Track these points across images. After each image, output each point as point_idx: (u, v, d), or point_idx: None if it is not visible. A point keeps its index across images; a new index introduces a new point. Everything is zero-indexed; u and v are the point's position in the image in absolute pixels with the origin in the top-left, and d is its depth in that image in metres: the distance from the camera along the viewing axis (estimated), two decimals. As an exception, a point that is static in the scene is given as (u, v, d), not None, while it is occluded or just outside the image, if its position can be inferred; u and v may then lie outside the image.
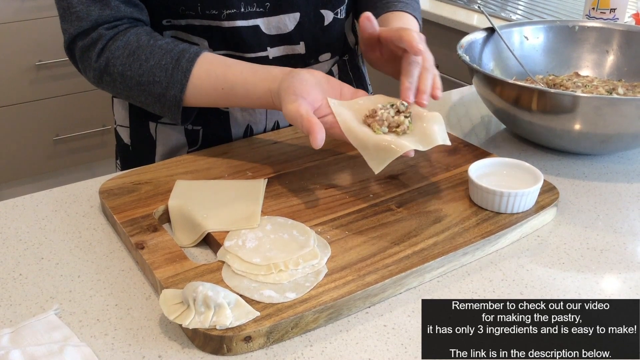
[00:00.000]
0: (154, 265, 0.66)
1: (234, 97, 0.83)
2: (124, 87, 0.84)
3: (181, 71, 0.82)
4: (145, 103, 0.86)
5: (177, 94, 0.82)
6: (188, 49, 0.83)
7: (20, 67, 2.27)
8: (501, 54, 1.06)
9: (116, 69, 0.83)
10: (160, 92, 0.83)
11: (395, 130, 0.74)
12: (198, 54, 0.83)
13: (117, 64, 0.83)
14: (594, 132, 0.86)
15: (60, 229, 0.76)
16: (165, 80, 0.82)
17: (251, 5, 0.88)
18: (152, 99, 0.84)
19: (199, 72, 0.82)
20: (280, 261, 0.65)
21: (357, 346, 0.59)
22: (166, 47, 0.83)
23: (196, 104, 0.85)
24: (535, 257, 0.72)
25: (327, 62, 1.00)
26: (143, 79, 0.83)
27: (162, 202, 0.76)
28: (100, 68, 0.84)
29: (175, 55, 0.82)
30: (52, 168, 2.47)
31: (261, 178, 0.82)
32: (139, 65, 0.82)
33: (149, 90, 0.83)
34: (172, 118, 0.86)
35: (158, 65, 0.82)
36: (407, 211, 0.75)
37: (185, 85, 0.82)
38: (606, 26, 1.09)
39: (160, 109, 0.85)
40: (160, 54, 0.82)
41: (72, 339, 0.59)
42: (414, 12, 0.97)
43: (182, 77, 0.82)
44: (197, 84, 0.82)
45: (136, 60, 0.82)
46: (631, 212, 0.80)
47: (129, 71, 0.83)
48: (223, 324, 0.57)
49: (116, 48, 0.83)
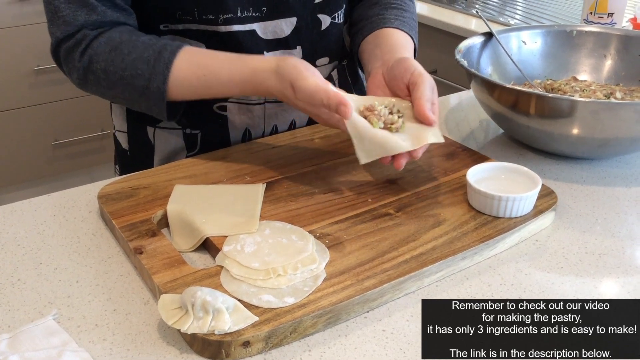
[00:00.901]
0: (152, 270, 0.66)
1: (217, 82, 0.82)
2: (107, 84, 0.84)
3: (163, 62, 0.82)
4: (130, 99, 0.85)
5: (160, 85, 0.82)
6: (170, 43, 0.84)
7: (19, 72, 2.27)
8: (499, 59, 1.06)
9: (99, 66, 0.83)
10: (144, 85, 0.83)
11: (389, 127, 0.77)
12: (180, 46, 0.83)
13: (100, 60, 0.83)
14: (591, 137, 0.87)
15: (58, 234, 0.76)
16: (147, 72, 0.82)
17: (248, 10, 0.88)
18: (136, 93, 0.84)
19: (181, 62, 0.82)
20: (279, 266, 0.65)
21: (356, 351, 0.59)
22: (148, 42, 0.83)
23: (181, 96, 0.85)
24: (533, 261, 0.72)
25: (326, 67, 1.00)
26: (126, 73, 0.82)
27: (161, 207, 0.76)
28: (84, 67, 0.84)
29: (158, 48, 0.83)
30: (51, 173, 2.46)
31: (260, 182, 0.82)
32: (121, 60, 0.82)
33: (132, 84, 0.83)
34: (157, 113, 0.85)
35: (140, 58, 0.82)
36: (406, 216, 0.75)
37: (167, 76, 0.82)
38: (604, 31, 1.09)
39: (145, 103, 0.85)
40: (142, 48, 0.82)
41: (70, 344, 0.59)
42: (410, 31, 0.96)
43: (164, 68, 0.82)
44: (180, 74, 0.82)
45: (118, 55, 0.82)
46: (629, 216, 0.81)
47: (112, 66, 0.83)
48: (221, 329, 0.57)
49: (98, 45, 0.83)
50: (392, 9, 0.98)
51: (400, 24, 0.96)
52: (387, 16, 0.97)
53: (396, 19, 0.96)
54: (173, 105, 0.87)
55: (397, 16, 0.97)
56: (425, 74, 0.81)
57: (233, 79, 0.82)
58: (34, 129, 2.36)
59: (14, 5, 2.20)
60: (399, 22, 0.96)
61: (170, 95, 0.84)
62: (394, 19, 0.96)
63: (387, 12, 0.97)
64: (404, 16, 0.97)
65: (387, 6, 0.99)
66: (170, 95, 0.84)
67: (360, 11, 1.02)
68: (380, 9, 0.98)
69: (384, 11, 0.98)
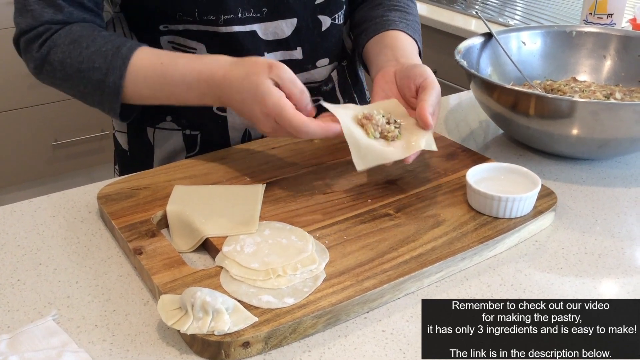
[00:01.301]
0: (152, 270, 0.66)
1: (172, 84, 0.81)
2: (63, 76, 0.84)
3: (121, 57, 0.81)
4: (84, 93, 0.85)
5: (117, 80, 0.81)
6: (130, 40, 0.84)
7: (19, 72, 2.27)
8: (499, 59, 1.06)
9: (56, 57, 0.83)
10: (100, 79, 0.82)
11: (385, 136, 0.78)
12: (140, 44, 0.83)
13: (58, 52, 0.83)
14: (591, 137, 0.87)
15: (58, 235, 0.75)
16: (104, 66, 0.81)
17: (248, 11, 0.88)
18: (91, 86, 0.83)
19: (139, 59, 0.82)
20: (279, 266, 0.65)
21: (356, 351, 0.59)
22: (108, 37, 0.83)
23: (136, 96, 0.84)
24: (533, 262, 0.72)
25: (326, 68, 1.00)
26: (83, 65, 0.82)
27: (161, 208, 0.76)
28: (42, 57, 0.84)
29: (117, 43, 0.82)
30: (51, 173, 2.46)
31: (259, 183, 0.82)
32: (79, 53, 0.82)
33: (88, 77, 0.82)
34: (110, 108, 0.84)
35: (98, 52, 0.82)
36: (406, 216, 0.75)
37: (124, 71, 0.81)
38: (603, 31, 1.09)
39: (99, 97, 0.84)
40: (102, 42, 0.82)
41: (70, 344, 0.59)
42: (415, 34, 0.96)
43: (121, 63, 0.81)
44: (136, 71, 0.82)
45: (77, 48, 0.82)
46: (629, 217, 0.81)
47: (69, 59, 0.82)
48: (221, 330, 0.57)
49: (58, 36, 0.83)
50: (395, 11, 0.98)
51: (405, 26, 0.96)
52: (392, 18, 0.97)
53: (401, 22, 0.96)
54: (127, 106, 0.86)
55: (402, 19, 0.97)
56: (436, 84, 0.81)
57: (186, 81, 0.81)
58: (33, 130, 2.37)
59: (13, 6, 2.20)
60: (403, 25, 0.96)
61: (125, 92, 0.83)
62: (398, 21, 0.96)
63: (391, 14, 0.97)
64: (407, 19, 0.97)
65: (391, 8, 0.99)
66: (125, 92, 0.83)
67: (362, 13, 1.01)
68: (384, 11, 0.98)
69: (388, 13, 0.98)
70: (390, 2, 1.00)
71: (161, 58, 0.82)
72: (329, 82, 1.03)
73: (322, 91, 1.02)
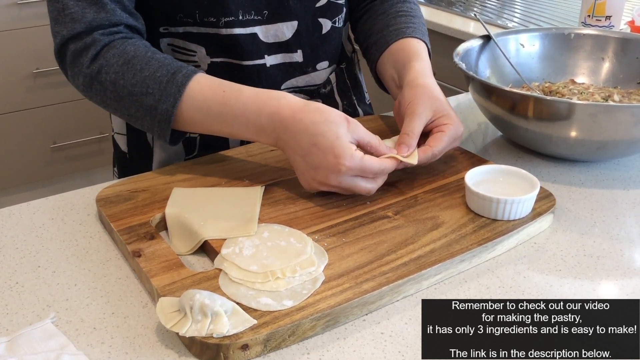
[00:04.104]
0: (150, 273, 0.66)
1: (231, 114, 0.78)
2: (114, 97, 0.81)
3: (176, 85, 0.79)
4: (135, 116, 0.82)
5: (169, 108, 0.79)
6: (186, 66, 0.81)
7: (18, 75, 2.27)
8: (497, 62, 1.06)
9: (109, 77, 0.80)
10: (152, 105, 0.80)
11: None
12: (196, 71, 0.81)
13: (110, 72, 0.80)
14: (590, 139, 0.87)
15: (57, 237, 0.75)
16: (158, 92, 0.79)
17: (249, 13, 0.89)
18: (142, 111, 0.81)
19: (197, 86, 0.79)
20: (278, 269, 0.65)
21: (355, 354, 0.59)
22: (163, 61, 0.81)
23: (188, 124, 0.82)
24: (532, 264, 0.72)
25: (325, 71, 1.01)
26: (135, 89, 0.80)
27: (159, 210, 0.76)
28: (92, 74, 0.81)
29: (172, 69, 0.80)
30: (50, 175, 2.46)
31: (258, 185, 0.82)
32: (132, 75, 0.80)
33: (141, 101, 0.80)
34: (160, 134, 0.82)
35: (152, 77, 0.79)
36: (404, 218, 0.75)
37: (178, 99, 0.79)
38: (602, 33, 1.09)
39: (149, 123, 0.81)
40: (156, 66, 0.80)
41: (68, 347, 0.59)
42: (423, 36, 0.95)
43: (176, 91, 0.79)
44: (192, 98, 0.79)
45: (130, 70, 0.80)
46: (628, 219, 0.81)
47: (122, 80, 0.80)
48: (220, 332, 0.57)
49: (111, 56, 0.81)
50: (400, 17, 0.97)
51: (413, 31, 0.95)
52: (398, 26, 0.96)
53: (407, 27, 0.95)
54: (176, 132, 0.84)
55: (408, 23, 0.96)
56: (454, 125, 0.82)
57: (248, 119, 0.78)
58: (32, 132, 2.37)
59: (13, 7, 2.20)
60: (411, 30, 0.95)
61: (177, 120, 0.81)
62: (405, 27, 0.95)
63: (396, 22, 0.96)
64: (414, 22, 0.97)
65: (395, 15, 0.98)
66: (177, 120, 0.81)
67: (368, 25, 1.00)
68: (390, 19, 0.97)
69: (393, 20, 0.97)
70: (393, 10, 0.99)
71: (223, 86, 0.80)
72: (327, 85, 1.03)
73: (321, 94, 1.02)
